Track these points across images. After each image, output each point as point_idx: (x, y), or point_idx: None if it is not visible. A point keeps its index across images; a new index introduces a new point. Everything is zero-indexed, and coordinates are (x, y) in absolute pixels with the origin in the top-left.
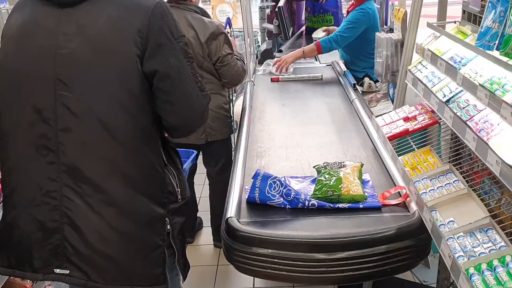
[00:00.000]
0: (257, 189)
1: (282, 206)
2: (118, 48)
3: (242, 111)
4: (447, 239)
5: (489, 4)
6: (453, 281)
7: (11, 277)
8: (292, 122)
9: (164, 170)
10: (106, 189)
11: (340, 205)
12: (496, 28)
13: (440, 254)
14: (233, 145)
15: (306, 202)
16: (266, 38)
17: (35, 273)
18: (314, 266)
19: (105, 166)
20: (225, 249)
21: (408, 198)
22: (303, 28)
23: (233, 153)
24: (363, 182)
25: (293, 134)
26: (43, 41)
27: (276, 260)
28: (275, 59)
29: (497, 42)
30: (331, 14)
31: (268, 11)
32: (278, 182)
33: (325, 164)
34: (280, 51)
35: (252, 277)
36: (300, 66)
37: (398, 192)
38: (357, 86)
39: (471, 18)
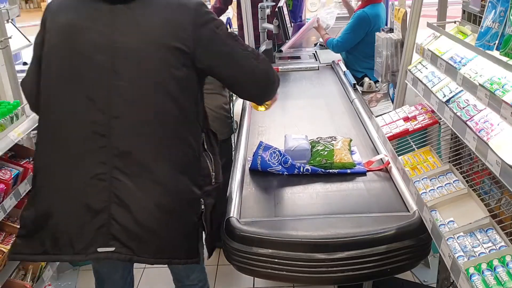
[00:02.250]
0: (259, 157)
1: (281, 172)
2: (167, 42)
3: (242, 111)
4: (447, 239)
5: (489, 4)
6: (453, 281)
7: (11, 277)
8: (291, 110)
9: (202, 154)
10: (153, 170)
11: (331, 171)
12: (496, 28)
13: (440, 254)
14: (233, 145)
15: (301, 168)
16: (266, 39)
17: (77, 254)
18: (314, 266)
19: (152, 148)
20: (225, 249)
21: (389, 165)
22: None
23: (233, 153)
24: (351, 153)
25: (292, 117)
26: (99, 35)
27: (276, 260)
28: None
29: (497, 42)
30: None
31: (268, 11)
32: (277, 152)
33: (318, 139)
34: (280, 51)
35: (252, 277)
36: (300, 66)
37: (381, 159)
38: (357, 86)
39: (471, 18)
